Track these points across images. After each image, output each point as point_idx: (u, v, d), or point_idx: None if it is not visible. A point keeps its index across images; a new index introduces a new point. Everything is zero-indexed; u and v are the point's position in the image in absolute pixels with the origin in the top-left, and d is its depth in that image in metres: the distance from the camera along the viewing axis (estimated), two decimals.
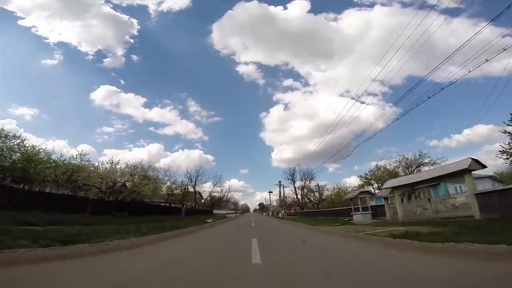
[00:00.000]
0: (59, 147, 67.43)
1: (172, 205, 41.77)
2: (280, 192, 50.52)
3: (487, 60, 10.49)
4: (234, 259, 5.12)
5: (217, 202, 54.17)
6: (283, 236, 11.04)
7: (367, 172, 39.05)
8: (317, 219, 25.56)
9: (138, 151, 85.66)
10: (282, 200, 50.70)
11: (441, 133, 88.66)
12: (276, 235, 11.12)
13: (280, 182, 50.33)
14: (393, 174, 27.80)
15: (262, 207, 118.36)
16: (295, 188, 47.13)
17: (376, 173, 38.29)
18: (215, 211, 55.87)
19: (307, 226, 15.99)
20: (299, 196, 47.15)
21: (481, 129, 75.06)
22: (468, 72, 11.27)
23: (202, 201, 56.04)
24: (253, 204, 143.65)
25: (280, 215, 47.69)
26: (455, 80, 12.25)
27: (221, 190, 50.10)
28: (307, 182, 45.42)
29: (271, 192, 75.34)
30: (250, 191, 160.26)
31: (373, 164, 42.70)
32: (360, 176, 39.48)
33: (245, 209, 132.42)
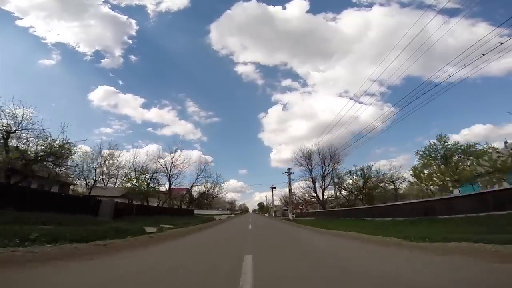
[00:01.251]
0: None
1: (135, 202, 28.05)
2: (290, 185, 36.50)
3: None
4: None
5: (202, 199, 40.06)
6: None
7: (426, 147, 25.50)
8: (385, 227, 11.93)
9: (136, 152, 79.38)
10: (291, 196, 36.61)
11: (439, 133, 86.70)
12: None
13: (289, 170, 36.34)
14: None
15: (262, 207, 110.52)
16: (312, 179, 33.18)
17: (442, 145, 24.60)
18: (201, 212, 41.94)
19: None
20: (318, 190, 33.33)
21: (478, 129, 75.28)
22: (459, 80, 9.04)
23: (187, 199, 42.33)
24: (252, 205, 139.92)
25: (290, 216, 33.67)
26: (457, 81, 9.63)
27: (206, 181, 36.14)
28: (331, 169, 31.64)
29: (274, 188, 61.62)
30: (249, 192, 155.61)
31: (373, 164, 30.05)
32: (419, 154, 25.86)
33: (244, 210, 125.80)
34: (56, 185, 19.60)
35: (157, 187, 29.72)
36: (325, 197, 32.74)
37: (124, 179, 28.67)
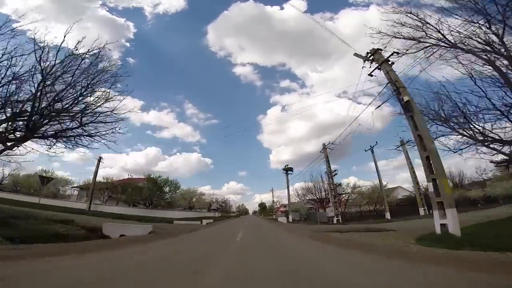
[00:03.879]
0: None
1: None
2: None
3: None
4: None
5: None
6: None
7: None
8: None
9: (135, 155, 68.40)
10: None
11: (437, 134, 73.01)
12: None
13: (374, 51, 9.80)
14: None
15: (264, 208, 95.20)
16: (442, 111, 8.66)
17: None
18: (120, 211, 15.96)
19: None
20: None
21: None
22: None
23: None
24: (252, 206, 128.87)
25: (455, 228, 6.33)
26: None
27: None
28: None
29: (290, 169, 35.49)
30: (249, 194, 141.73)
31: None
32: None
33: (243, 211, 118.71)
34: None
35: None
36: None
37: None
